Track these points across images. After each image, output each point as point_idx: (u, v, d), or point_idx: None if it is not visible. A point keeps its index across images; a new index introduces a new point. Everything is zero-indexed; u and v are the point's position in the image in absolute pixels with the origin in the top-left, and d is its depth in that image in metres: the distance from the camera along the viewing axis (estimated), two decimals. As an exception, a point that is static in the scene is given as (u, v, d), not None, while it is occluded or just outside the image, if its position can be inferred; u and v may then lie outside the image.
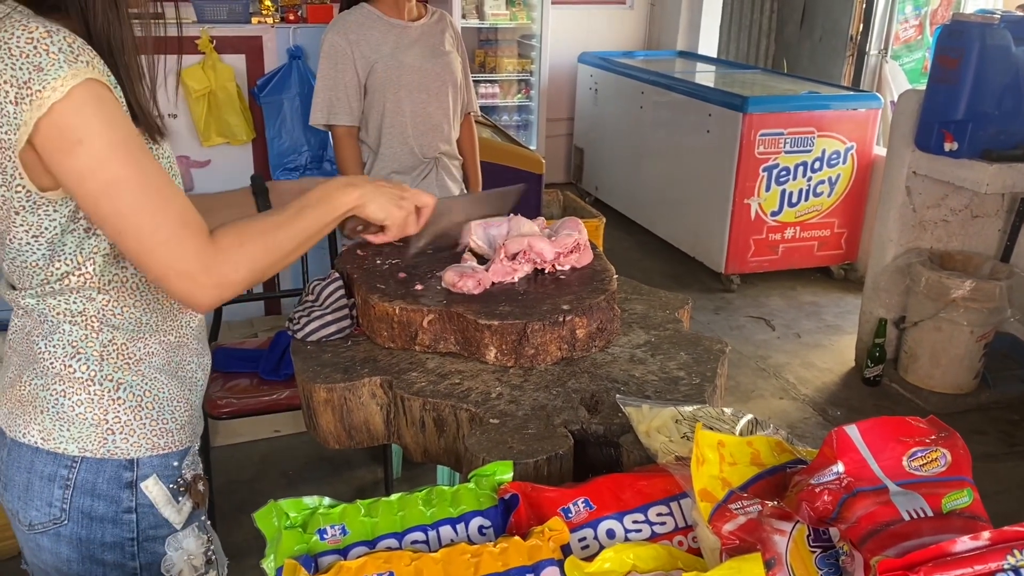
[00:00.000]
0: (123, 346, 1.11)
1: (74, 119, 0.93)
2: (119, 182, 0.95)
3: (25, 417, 1.10)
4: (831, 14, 5.91)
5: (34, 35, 0.92)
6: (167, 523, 1.16)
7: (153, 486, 1.14)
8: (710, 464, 0.87)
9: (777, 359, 3.91)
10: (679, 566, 0.80)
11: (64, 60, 0.92)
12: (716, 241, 4.66)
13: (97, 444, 1.10)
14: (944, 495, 0.81)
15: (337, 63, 2.41)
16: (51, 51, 0.92)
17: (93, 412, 1.09)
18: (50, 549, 1.13)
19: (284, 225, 1.08)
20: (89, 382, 1.09)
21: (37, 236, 1.02)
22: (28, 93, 0.91)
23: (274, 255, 1.07)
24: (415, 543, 0.86)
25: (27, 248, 1.03)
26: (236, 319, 3.71)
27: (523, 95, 6.04)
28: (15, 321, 1.13)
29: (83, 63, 0.93)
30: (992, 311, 3.32)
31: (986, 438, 3.28)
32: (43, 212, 1.01)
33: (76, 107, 0.93)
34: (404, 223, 1.23)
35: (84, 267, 1.05)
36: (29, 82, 0.91)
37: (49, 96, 0.91)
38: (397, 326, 1.36)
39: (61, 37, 0.93)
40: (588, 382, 1.28)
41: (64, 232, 1.03)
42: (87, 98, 0.93)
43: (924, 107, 3.38)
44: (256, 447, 3.06)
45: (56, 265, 1.04)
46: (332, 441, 1.32)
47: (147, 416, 1.13)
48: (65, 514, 1.11)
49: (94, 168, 0.94)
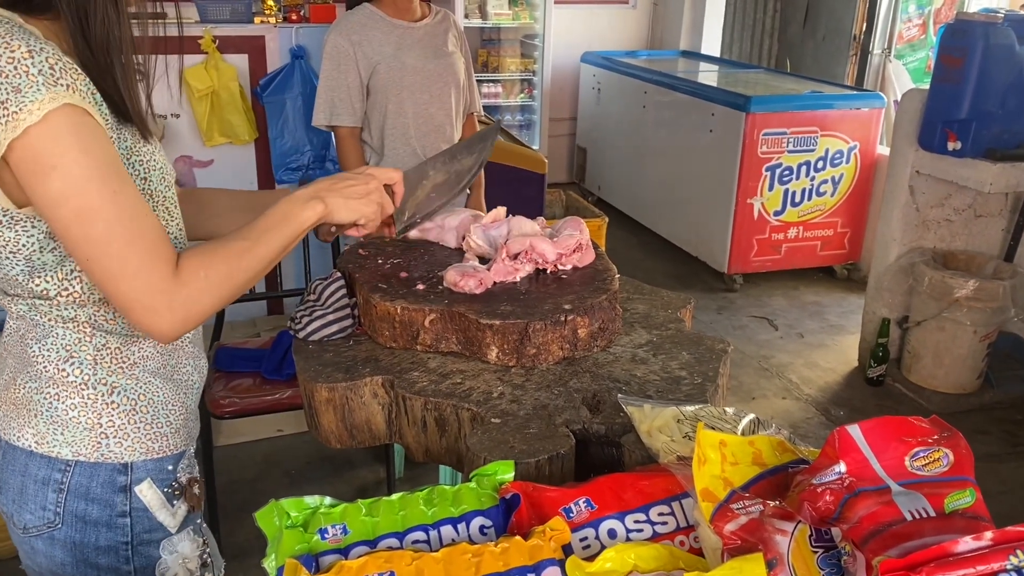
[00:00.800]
0: (116, 350, 1.10)
1: (49, 144, 0.92)
2: (91, 211, 0.94)
3: (19, 420, 1.10)
4: (834, 13, 5.90)
5: (15, 55, 0.90)
6: (162, 527, 1.16)
7: (147, 490, 1.13)
8: (712, 464, 0.87)
9: (780, 359, 3.91)
10: (681, 566, 0.79)
11: (43, 83, 0.91)
12: (719, 241, 4.65)
13: (91, 448, 1.09)
14: (946, 495, 0.81)
15: (340, 64, 2.41)
16: (31, 72, 0.90)
17: (87, 416, 1.09)
18: (44, 552, 1.13)
19: (248, 251, 1.07)
20: (83, 386, 1.09)
21: (15, 252, 1.01)
22: (4, 113, 0.90)
23: (238, 280, 1.06)
24: (416, 543, 0.86)
25: (6, 263, 1.02)
26: (239, 319, 3.72)
27: (526, 95, 6.04)
28: (9, 323, 1.13)
29: (63, 86, 0.92)
30: (995, 311, 3.31)
31: (989, 438, 3.28)
32: (20, 228, 1.00)
33: (52, 132, 0.92)
34: (378, 212, 1.22)
35: (71, 286, 1.05)
36: (6, 103, 0.90)
37: (25, 119, 0.90)
38: (399, 326, 1.36)
39: (43, 58, 0.92)
40: (590, 382, 1.28)
41: (42, 249, 1.02)
42: (64, 124, 0.92)
43: (928, 106, 3.38)
44: (259, 446, 3.06)
45: (36, 281, 1.04)
46: (334, 441, 1.32)
47: (141, 420, 1.12)
48: (59, 518, 1.10)
49: (67, 195, 0.93)
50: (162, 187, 1.10)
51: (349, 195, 1.17)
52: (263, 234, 1.08)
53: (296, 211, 1.11)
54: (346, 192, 1.17)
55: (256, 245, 1.07)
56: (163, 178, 1.11)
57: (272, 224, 1.09)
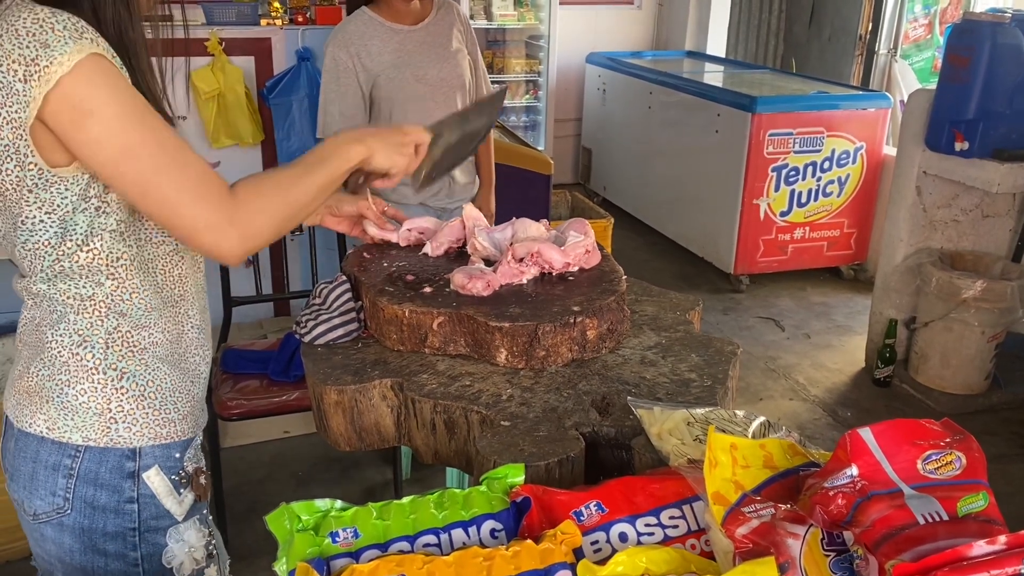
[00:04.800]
0: (127, 334, 1.12)
1: (83, 90, 0.96)
2: (135, 146, 0.99)
3: (31, 407, 1.12)
4: (840, 13, 5.89)
5: (40, 15, 0.95)
6: (168, 514, 1.18)
7: (155, 476, 1.15)
8: (723, 467, 0.86)
9: (787, 360, 3.90)
10: (692, 570, 0.79)
11: (69, 37, 0.95)
12: (725, 241, 4.64)
13: (100, 433, 1.11)
14: (959, 499, 0.80)
15: (339, 77, 2.37)
16: (56, 29, 0.95)
17: (96, 401, 1.11)
18: (53, 539, 1.15)
19: (299, 179, 1.12)
20: (94, 371, 1.11)
21: (50, 213, 1.04)
22: (36, 69, 0.94)
23: (291, 207, 1.11)
24: (427, 546, 0.86)
25: (40, 227, 1.05)
26: (245, 320, 3.72)
27: (531, 96, 6.04)
28: (25, 314, 1.15)
29: (88, 40, 0.96)
30: (1003, 311, 3.30)
31: (997, 439, 3.26)
32: (55, 190, 1.03)
33: (84, 79, 0.96)
34: (407, 166, 1.29)
35: (92, 243, 1.07)
36: (36, 59, 0.94)
37: (56, 71, 0.94)
38: (407, 329, 1.36)
39: (66, 16, 0.96)
40: (599, 384, 1.28)
41: (75, 210, 1.05)
42: (94, 70, 0.96)
43: (935, 106, 3.37)
44: (266, 448, 3.06)
45: (67, 244, 1.06)
46: (343, 443, 1.32)
47: (149, 405, 1.14)
48: (68, 503, 1.12)
49: (108, 136, 0.97)
50: None
51: (390, 142, 1.25)
52: (311, 166, 1.15)
53: (343, 148, 1.19)
54: (388, 139, 1.25)
55: (305, 175, 1.13)
56: None
57: (320, 158, 1.16)
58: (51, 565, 1.18)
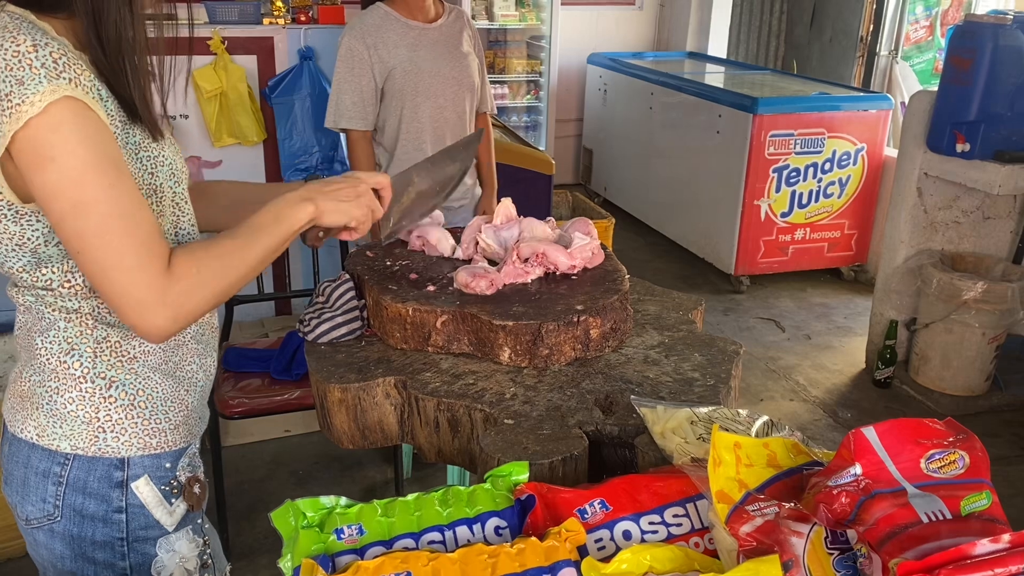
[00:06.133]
0: (117, 344, 1.11)
1: (49, 135, 0.93)
2: (87, 204, 0.95)
3: (23, 412, 1.12)
4: (841, 15, 5.89)
5: (20, 48, 0.92)
6: (158, 524, 1.16)
7: (144, 487, 1.14)
8: (727, 466, 0.87)
9: (787, 360, 3.90)
10: (696, 568, 0.80)
11: (45, 76, 0.92)
12: (726, 242, 4.65)
13: (88, 442, 1.11)
14: (963, 497, 0.81)
15: (354, 67, 2.39)
16: (34, 65, 0.92)
17: (84, 410, 1.10)
18: (45, 544, 1.15)
19: (240, 249, 1.07)
20: (82, 379, 1.10)
21: (20, 245, 1.03)
22: (8, 106, 0.92)
23: (230, 279, 1.06)
24: (432, 543, 0.86)
25: (12, 256, 1.04)
26: (247, 319, 3.73)
27: (532, 96, 6.04)
28: (19, 318, 1.15)
29: (65, 80, 0.93)
30: (1004, 313, 3.30)
31: (998, 441, 3.26)
32: (25, 223, 1.02)
33: (52, 124, 0.93)
34: (368, 216, 1.21)
35: (74, 278, 1.06)
36: (10, 95, 0.91)
37: (27, 111, 0.91)
38: (410, 327, 1.36)
39: (47, 52, 0.93)
40: (602, 383, 1.28)
41: (47, 243, 1.03)
42: (63, 116, 0.93)
43: (936, 108, 3.37)
44: (267, 447, 3.06)
45: (43, 271, 1.05)
46: (346, 441, 1.32)
47: (139, 415, 1.13)
48: (58, 511, 1.12)
49: (64, 187, 0.94)
50: (171, 183, 1.11)
51: (339, 198, 1.16)
52: (254, 233, 1.08)
53: (287, 212, 1.11)
54: (336, 195, 1.16)
55: (248, 244, 1.07)
56: (172, 174, 1.11)
57: (263, 224, 1.09)
58: (44, 569, 1.19)
